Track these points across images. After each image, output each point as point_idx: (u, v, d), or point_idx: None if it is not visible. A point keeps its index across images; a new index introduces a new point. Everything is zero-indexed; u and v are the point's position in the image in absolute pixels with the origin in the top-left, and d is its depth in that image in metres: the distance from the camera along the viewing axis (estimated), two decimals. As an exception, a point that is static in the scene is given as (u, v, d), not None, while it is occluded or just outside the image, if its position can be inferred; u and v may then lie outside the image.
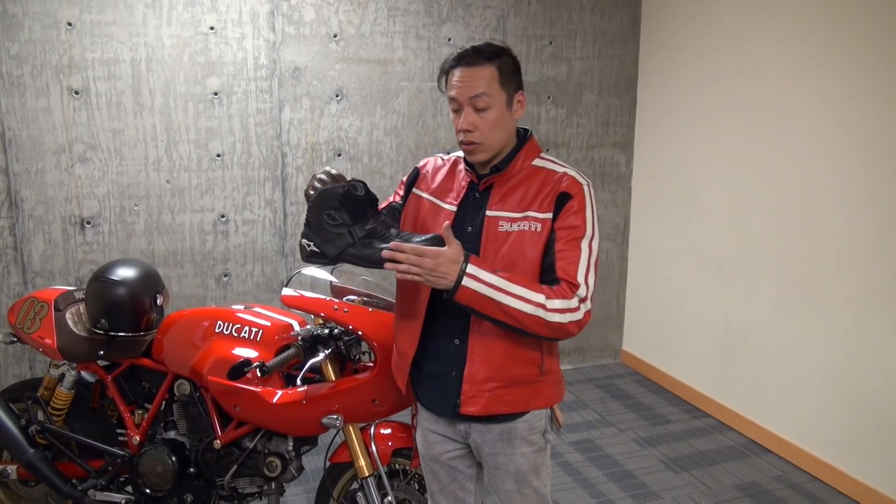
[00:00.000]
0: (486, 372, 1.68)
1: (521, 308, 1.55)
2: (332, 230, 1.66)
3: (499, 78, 1.63)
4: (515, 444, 1.75)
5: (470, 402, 1.70)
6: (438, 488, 1.92)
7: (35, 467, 2.42)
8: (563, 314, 1.56)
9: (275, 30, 3.66)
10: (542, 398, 1.75)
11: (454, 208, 1.74)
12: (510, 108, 1.67)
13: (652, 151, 4.40)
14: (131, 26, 3.42)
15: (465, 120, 1.64)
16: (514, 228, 1.65)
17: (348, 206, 1.64)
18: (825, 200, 3.20)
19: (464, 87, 1.63)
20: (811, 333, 3.31)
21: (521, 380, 1.70)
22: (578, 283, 1.60)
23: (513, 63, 1.68)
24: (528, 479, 1.78)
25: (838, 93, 3.10)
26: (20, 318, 2.51)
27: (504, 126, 1.67)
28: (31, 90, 3.33)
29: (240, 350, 2.20)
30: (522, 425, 1.75)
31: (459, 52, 1.66)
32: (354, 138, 3.92)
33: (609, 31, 4.35)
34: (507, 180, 1.70)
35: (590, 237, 1.64)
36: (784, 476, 3.31)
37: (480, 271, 1.56)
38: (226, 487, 2.35)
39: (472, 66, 1.63)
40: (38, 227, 3.45)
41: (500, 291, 1.55)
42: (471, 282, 1.54)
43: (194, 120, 3.60)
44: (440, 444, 1.86)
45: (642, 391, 4.32)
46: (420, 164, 1.90)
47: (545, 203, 1.65)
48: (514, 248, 1.64)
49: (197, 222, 3.70)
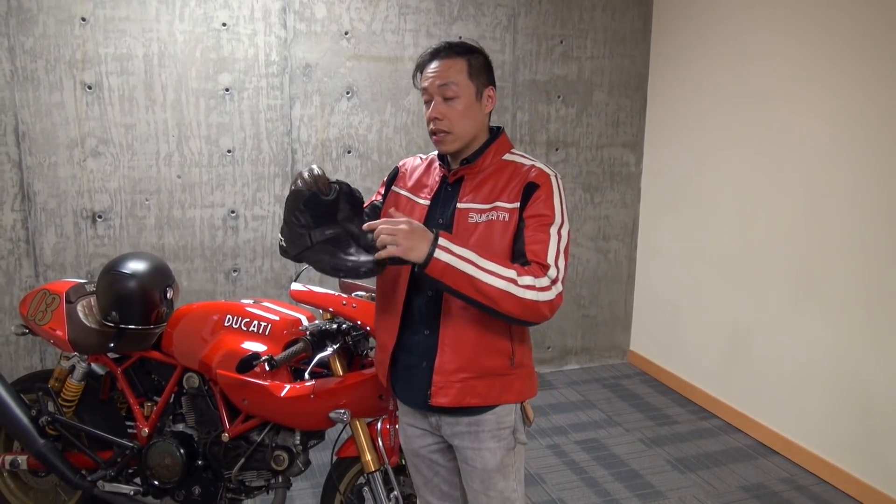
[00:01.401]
0: (456, 363, 1.70)
1: (493, 283, 1.55)
2: (297, 229, 1.66)
3: (468, 70, 1.70)
4: (482, 437, 1.75)
5: (440, 394, 1.71)
6: (423, 482, 1.93)
7: (45, 458, 2.44)
8: (535, 292, 1.57)
9: (286, 27, 3.68)
10: (514, 392, 1.75)
11: (427, 202, 1.78)
12: (479, 101, 1.72)
13: (662, 152, 4.39)
14: (144, 22, 3.45)
15: (434, 109, 1.70)
16: (483, 219, 1.69)
17: (312, 210, 1.64)
18: (834, 202, 3.19)
19: (434, 77, 1.70)
20: (819, 335, 3.30)
21: (492, 371, 1.71)
22: (549, 265, 1.61)
23: (484, 60, 1.74)
24: (494, 479, 1.77)
25: (850, 94, 3.09)
26: (32, 310, 2.53)
27: (472, 117, 1.71)
28: (45, 84, 3.36)
29: (248, 344, 2.21)
30: (490, 418, 1.75)
31: (435, 47, 1.73)
32: (364, 135, 3.93)
33: (620, 31, 4.34)
34: (478, 173, 1.74)
35: (559, 224, 1.66)
36: (791, 478, 3.30)
37: (452, 244, 1.57)
38: (233, 480, 2.37)
39: (445, 59, 1.70)
40: (51, 220, 3.48)
41: (472, 265, 1.55)
42: (443, 254, 1.54)
43: (205, 116, 3.62)
44: (419, 437, 1.87)
45: (649, 391, 4.31)
46: (400, 164, 1.95)
47: (513, 193, 1.69)
48: (483, 238, 1.67)
49: (207, 217, 3.72)
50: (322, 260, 1.63)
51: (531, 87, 4.22)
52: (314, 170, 1.68)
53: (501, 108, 4.17)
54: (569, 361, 4.65)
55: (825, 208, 3.24)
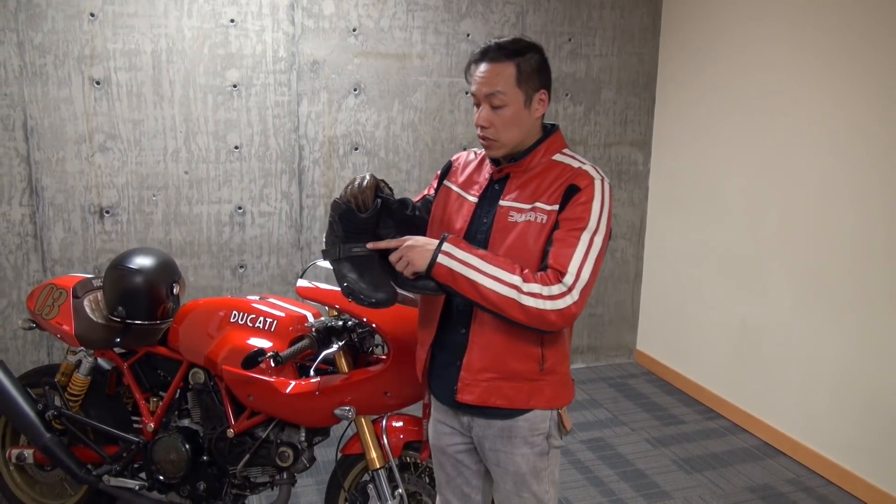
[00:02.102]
0: (483, 362, 1.69)
1: (495, 288, 1.54)
2: (332, 237, 1.72)
3: (516, 76, 1.63)
4: (515, 443, 1.74)
5: (466, 391, 1.70)
6: (445, 480, 1.92)
7: (51, 452, 2.45)
8: (540, 300, 1.53)
9: (294, 23, 3.67)
10: (544, 398, 1.72)
11: (475, 200, 1.76)
12: (528, 107, 1.66)
13: (670, 150, 4.37)
14: (153, 18, 3.45)
15: (480, 116, 1.67)
16: (522, 219, 1.65)
17: (345, 223, 1.67)
18: (842, 202, 3.17)
19: (481, 83, 1.65)
20: (827, 335, 3.28)
21: (520, 375, 1.69)
22: (566, 272, 1.56)
23: (536, 61, 1.66)
24: (528, 482, 1.76)
25: (858, 94, 3.07)
26: (39, 305, 2.54)
27: (520, 125, 1.66)
28: (54, 80, 3.37)
29: (254, 340, 2.21)
30: (523, 424, 1.72)
31: (484, 46, 1.67)
32: (371, 132, 3.92)
33: (629, 29, 4.32)
34: (524, 172, 1.70)
35: (592, 231, 1.60)
36: (797, 479, 3.29)
37: (456, 250, 1.58)
38: (238, 476, 2.37)
39: (493, 63, 1.63)
40: (58, 215, 3.49)
41: (475, 270, 1.55)
42: (445, 259, 1.57)
43: (213, 112, 3.63)
44: (448, 435, 1.86)
45: (656, 391, 4.30)
46: (454, 158, 1.93)
47: (554, 195, 1.64)
48: (520, 239, 1.64)
49: (214, 213, 3.73)
50: (344, 276, 1.68)
51: (539, 85, 4.19)
52: (363, 182, 1.67)
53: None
54: (575, 360, 4.64)
55: (833, 208, 3.22)
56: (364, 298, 1.64)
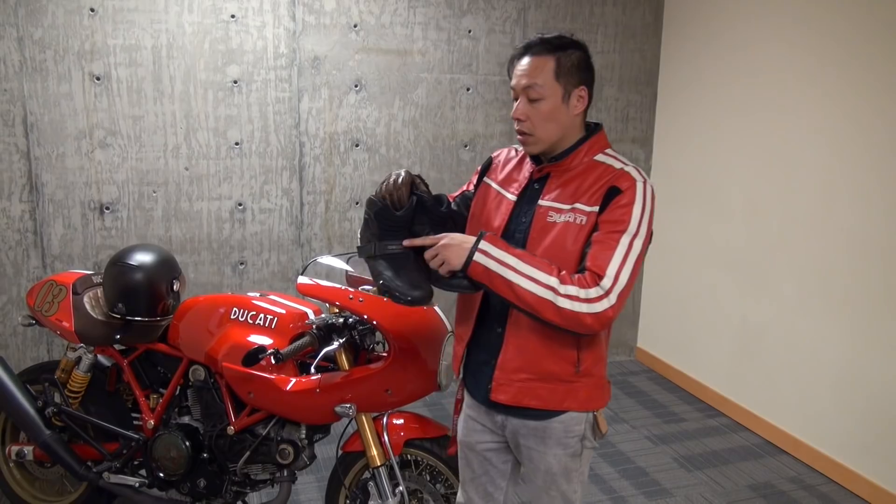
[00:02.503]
0: (518, 362, 1.68)
1: (531, 289, 1.52)
2: (366, 235, 1.72)
3: (555, 70, 1.61)
4: (549, 443, 1.73)
5: (500, 390, 1.70)
6: (470, 477, 1.92)
7: (51, 449, 2.44)
8: (576, 302, 1.51)
9: (295, 19, 3.66)
10: (579, 400, 1.70)
11: (514, 198, 1.74)
12: (566, 103, 1.63)
13: (672, 148, 4.36)
14: (153, 13, 3.44)
15: (517, 109, 1.65)
16: (561, 220, 1.62)
17: (381, 221, 1.67)
18: (845, 200, 3.15)
19: (520, 75, 1.63)
20: (828, 334, 3.27)
21: (555, 376, 1.67)
22: (604, 275, 1.53)
23: (578, 58, 1.63)
24: (558, 481, 1.76)
25: (861, 92, 3.05)
26: (39, 301, 2.53)
27: (557, 120, 1.64)
28: (54, 75, 3.36)
29: (255, 337, 2.21)
30: (558, 426, 1.71)
31: (528, 41, 1.66)
32: (372, 129, 3.91)
33: (631, 26, 4.31)
34: (564, 172, 1.68)
35: (632, 234, 1.56)
36: (799, 477, 3.28)
37: (493, 248, 1.56)
38: (238, 473, 2.36)
39: (534, 57, 1.62)
40: (58, 211, 3.48)
41: (511, 270, 1.54)
42: (481, 257, 1.55)
43: (214, 108, 3.61)
44: (478, 433, 1.85)
45: (656, 388, 4.29)
46: (494, 154, 1.90)
47: (595, 196, 1.61)
48: (558, 240, 1.62)
49: (214, 210, 3.72)
50: (380, 273, 1.67)
51: (540, 82, 4.18)
52: (398, 178, 1.66)
53: (510, 101, 4.13)
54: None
55: (836, 206, 3.20)
56: (400, 296, 1.63)
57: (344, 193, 3.92)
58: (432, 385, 2.17)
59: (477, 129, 4.12)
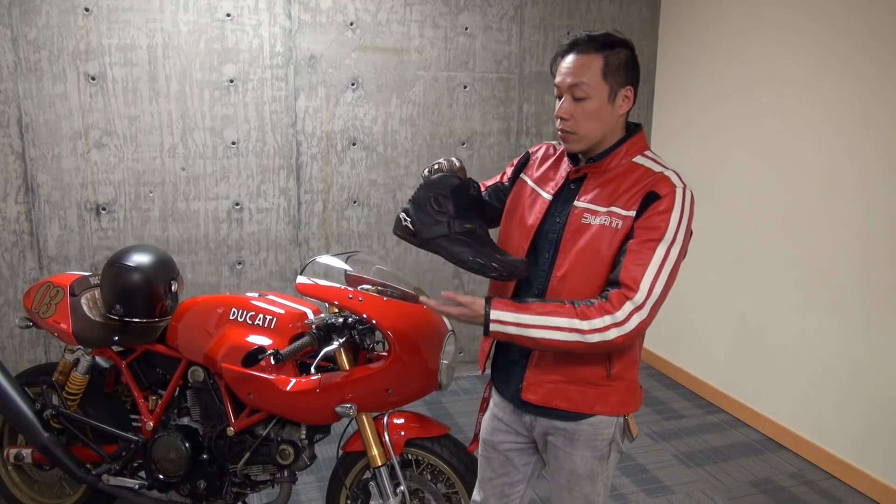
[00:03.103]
0: (549, 364, 1.67)
1: (557, 338, 1.52)
2: (434, 215, 1.66)
3: (603, 69, 1.57)
4: (577, 445, 1.72)
5: (530, 390, 1.70)
6: (489, 477, 1.91)
7: (49, 451, 2.43)
8: (604, 332, 1.51)
9: (291, 17, 3.64)
10: (610, 404, 1.69)
11: (550, 197, 1.72)
12: (612, 102, 1.60)
13: (669, 144, 4.35)
14: (148, 12, 3.42)
15: (561, 107, 1.62)
16: (597, 222, 1.60)
17: (456, 199, 1.65)
18: (844, 196, 3.15)
19: (566, 73, 1.60)
20: (828, 330, 3.27)
21: (586, 380, 1.66)
22: (638, 288, 1.50)
23: (625, 57, 1.60)
24: (581, 483, 1.75)
25: (860, 87, 3.05)
26: (36, 303, 2.52)
27: (602, 119, 1.61)
28: (49, 75, 3.34)
29: (254, 337, 2.19)
30: (588, 429, 1.70)
31: (575, 38, 1.62)
32: (370, 127, 3.90)
33: (627, 22, 4.30)
34: (602, 173, 1.65)
35: (669, 242, 1.53)
36: (799, 473, 3.28)
37: (503, 314, 1.56)
38: (238, 474, 2.35)
39: (581, 55, 1.59)
40: (54, 212, 3.46)
41: (531, 327, 1.54)
42: (498, 326, 1.56)
43: (210, 107, 3.60)
44: (503, 433, 1.85)
45: (656, 385, 4.29)
46: (532, 150, 1.88)
47: (632, 200, 1.57)
48: (592, 243, 1.59)
49: (211, 210, 3.70)
50: (461, 252, 1.63)
51: (538, 79, 4.18)
52: (455, 161, 1.66)
53: (508, 99, 4.14)
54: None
55: (834, 203, 3.20)
56: (505, 267, 1.59)
57: (341, 192, 3.91)
58: (433, 384, 2.16)
59: (474, 127, 4.11)
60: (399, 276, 2.27)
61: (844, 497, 3.09)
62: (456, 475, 2.21)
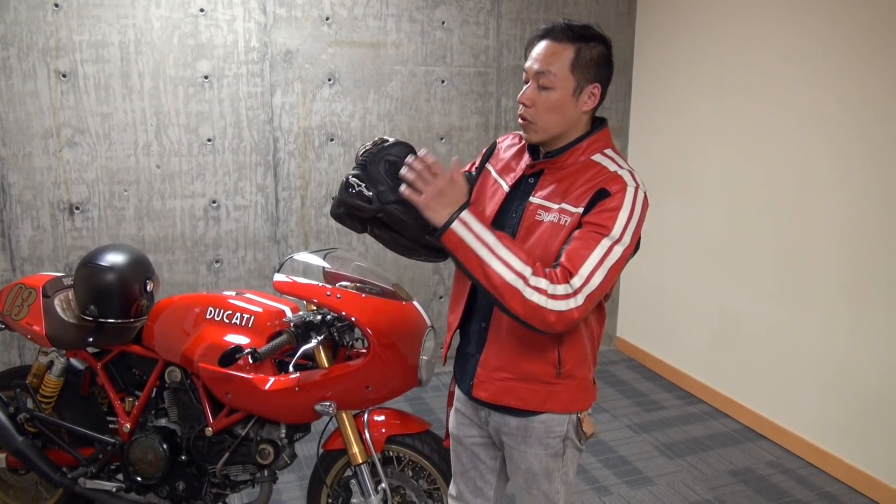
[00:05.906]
0: (499, 361, 1.66)
1: (502, 273, 1.45)
2: (390, 180, 1.59)
3: (572, 61, 1.53)
4: (530, 442, 1.70)
5: (481, 387, 1.69)
6: (460, 471, 1.91)
7: (24, 455, 2.39)
8: (543, 297, 1.44)
9: (266, 12, 3.60)
10: (560, 402, 1.66)
11: (508, 189, 1.69)
12: (576, 97, 1.56)
13: (647, 137, 4.37)
14: (119, 8, 3.36)
15: (524, 93, 1.59)
16: (548, 219, 1.57)
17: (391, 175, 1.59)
18: (822, 188, 3.18)
19: (535, 59, 1.57)
20: (806, 320, 3.30)
21: (535, 377, 1.64)
22: (576, 273, 1.46)
23: (599, 53, 1.56)
24: (539, 481, 1.74)
25: (839, 79, 3.08)
26: (8, 305, 2.47)
27: (563, 113, 1.57)
28: (18, 73, 3.27)
29: (231, 336, 2.17)
30: (539, 426, 1.68)
31: (552, 24, 1.58)
32: (347, 123, 3.87)
33: (604, 15, 4.31)
34: (559, 169, 1.62)
35: (614, 239, 1.49)
36: (777, 461, 3.32)
37: (475, 221, 1.49)
38: (218, 475, 2.33)
39: (553, 42, 1.55)
40: (26, 212, 3.40)
41: (487, 248, 1.47)
42: (460, 227, 1.47)
43: (184, 104, 3.55)
44: (466, 426, 1.84)
45: (636, 377, 4.32)
46: (499, 139, 1.85)
47: (582, 198, 1.54)
48: (541, 240, 1.57)
49: (188, 208, 3.66)
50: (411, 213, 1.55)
51: (516, 73, 4.17)
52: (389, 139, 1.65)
53: (486, 93, 4.13)
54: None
55: (811, 194, 3.23)
56: None
57: (319, 189, 3.88)
58: (413, 380, 2.15)
59: (452, 122, 4.09)
60: (378, 272, 2.27)
61: (822, 484, 3.13)
62: (437, 471, 2.20)
